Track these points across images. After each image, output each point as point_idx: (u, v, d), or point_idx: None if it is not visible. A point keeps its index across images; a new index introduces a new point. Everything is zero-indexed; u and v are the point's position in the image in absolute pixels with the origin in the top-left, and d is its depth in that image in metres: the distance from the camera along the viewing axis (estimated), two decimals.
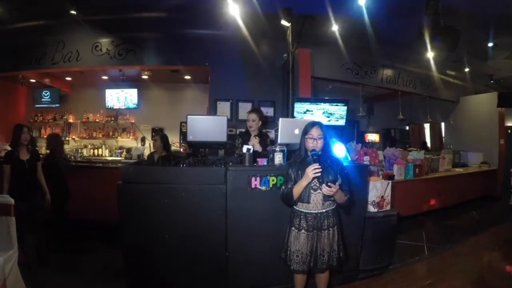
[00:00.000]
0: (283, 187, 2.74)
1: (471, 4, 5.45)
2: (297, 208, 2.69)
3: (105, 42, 6.45)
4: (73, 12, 5.26)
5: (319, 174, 2.46)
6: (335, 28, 5.97)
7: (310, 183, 2.57)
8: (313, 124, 2.72)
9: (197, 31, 6.36)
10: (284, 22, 5.56)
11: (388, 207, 4.10)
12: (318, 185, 2.58)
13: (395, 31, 6.17)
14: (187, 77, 7.91)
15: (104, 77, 7.95)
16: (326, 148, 2.72)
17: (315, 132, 2.65)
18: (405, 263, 4.39)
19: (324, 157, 2.66)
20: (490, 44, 7.17)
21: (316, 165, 2.46)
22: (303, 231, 2.64)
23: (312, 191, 2.62)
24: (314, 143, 2.64)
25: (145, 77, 7.44)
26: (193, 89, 8.58)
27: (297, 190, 2.59)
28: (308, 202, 2.63)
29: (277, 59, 6.51)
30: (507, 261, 4.80)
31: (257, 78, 6.55)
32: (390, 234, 4.09)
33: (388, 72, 8.30)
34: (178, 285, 3.20)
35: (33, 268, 3.71)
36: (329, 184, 2.43)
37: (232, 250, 3.15)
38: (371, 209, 3.97)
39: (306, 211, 2.64)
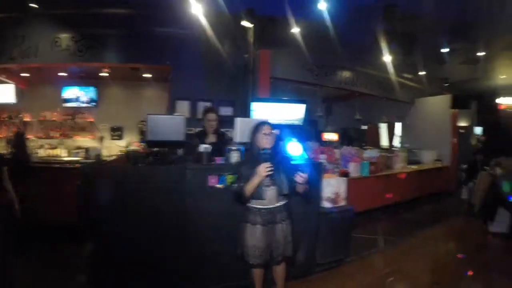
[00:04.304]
0: (235, 185, 2.81)
1: (429, 11, 5.76)
2: (251, 205, 2.75)
3: (65, 37, 6.25)
4: (33, 5, 5.09)
5: (272, 172, 2.55)
6: (296, 30, 6.11)
7: (262, 180, 2.64)
8: (264, 122, 2.83)
9: (159, 30, 6.31)
10: (246, 23, 5.64)
11: (343, 203, 4.25)
12: (270, 182, 2.67)
13: (355, 34, 6.43)
14: (148, 75, 7.74)
15: (63, 74, 7.66)
16: (278, 146, 2.83)
17: (266, 129, 2.75)
18: (362, 256, 4.56)
19: (276, 155, 2.75)
20: (446, 50, 7.61)
21: (268, 164, 2.53)
22: (258, 226, 2.70)
23: (265, 188, 2.69)
24: (266, 139, 2.72)
25: (104, 74, 7.26)
26: (153, 88, 8.37)
27: (249, 188, 2.64)
28: (263, 199, 2.70)
29: (238, 59, 6.55)
30: (460, 251, 5.11)
31: (217, 78, 6.56)
32: (346, 228, 4.23)
33: (346, 74, 8.56)
34: (139, 284, 3.17)
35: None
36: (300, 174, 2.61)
37: (192, 248, 3.17)
38: (327, 204, 4.09)
39: (261, 207, 2.71)
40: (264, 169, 2.53)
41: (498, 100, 12.39)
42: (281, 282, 3.02)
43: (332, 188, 4.12)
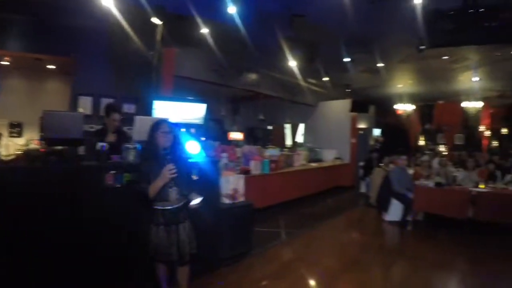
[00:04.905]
0: (138, 186, 2.80)
1: (333, 23, 6.27)
2: (154, 206, 2.77)
3: None
4: None
5: (176, 175, 2.65)
6: (205, 30, 6.23)
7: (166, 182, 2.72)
8: (162, 120, 2.88)
9: (65, 19, 5.94)
10: (155, 20, 5.59)
11: (242, 199, 4.56)
12: (172, 183, 2.74)
13: (261, 39, 6.70)
14: (52, 67, 7.26)
15: None
16: (178, 146, 2.91)
17: (164, 128, 2.80)
18: (265, 248, 4.82)
19: (177, 156, 2.85)
20: (348, 59, 8.31)
21: (172, 166, 2.63)
22: (161, 226, 2.75)
23: (169, 188, 2.74)
24: (164, 138, 2.77)
25: (4, 63, 6.62)
26: (58, 81, 7.83)
27: (153, 189, 2.67)
28: (167, 200, 2.76)
29: (144, 56, 6.39)
30: (359, 237, 5.84)
31: (122, 74, 6.38)
32: (247, 223, 4.49)
33: (252, 76, 8.95)
34: None
35: None
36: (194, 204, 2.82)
37: (93, 249, 3.04)
38: (226, 201, 4.35)
39: (164, 207, 2.75)
40: (168, 171, 2.62)
41: (396, 106, 13.90)
42: (185, 282, 3.04)
43: (231, 184, 4.40)
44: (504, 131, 14.19)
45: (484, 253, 4.97)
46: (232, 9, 5.57)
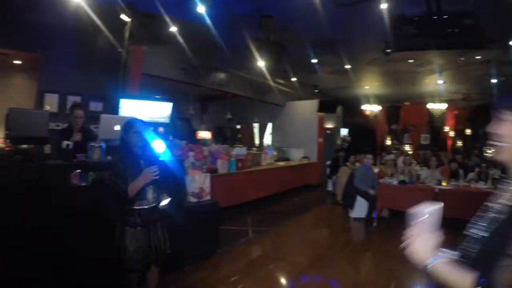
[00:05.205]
0: (115, 186, 2.69)
1: (302, 26, 6.38)
2: (131, 207, 2.70)
3: None
4: None
5: (157, 176, 2.65)
6: (174, 29, 6.19)
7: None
8: (135, 119, 2.84)
9: (32, 14, 5.72)
10: (124, 17, 5.54)
11: (208, 197, 4.63)
12: (151, 182, 2.71)
13: (230, 38, 6.72)
14: (18, 62, 7.03)
15: None
16: (148, 144, 2.89)
17: (137, 127, 2.76)
18: (232, 246, 4.90)
19: (154, 156, 2.89)
20: (315, 61, 8.49)
21: (155, 168, 2.63)
22: (139, 227, 2.69)
23: (146, 187, 2.70)
24: (137, 137, 2.73)
25: None
26: (24, 77, 7.47)
27: (133, 189, 2.61)
28: (146, 199, 2.73)
29: (113, 53, 6.26)
30: (325, 234, 6.04)
31: (90, 71, 6.22)
32: (213, 221, 4.56)
33: (220, 75, 8.95)
34: None
35: None
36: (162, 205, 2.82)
37: (57, 251, 2.98)
38: (193, 199, 4.42)
39: (140, 207, 2.70)
40: (151, 172, 2.61)
41: (363, 107, 14.30)
42: (155, 282, 3.00)
43: (197, 183, 4.47)
44: (468, 132, 14.89)
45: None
46: (201, 9, 5.60)
